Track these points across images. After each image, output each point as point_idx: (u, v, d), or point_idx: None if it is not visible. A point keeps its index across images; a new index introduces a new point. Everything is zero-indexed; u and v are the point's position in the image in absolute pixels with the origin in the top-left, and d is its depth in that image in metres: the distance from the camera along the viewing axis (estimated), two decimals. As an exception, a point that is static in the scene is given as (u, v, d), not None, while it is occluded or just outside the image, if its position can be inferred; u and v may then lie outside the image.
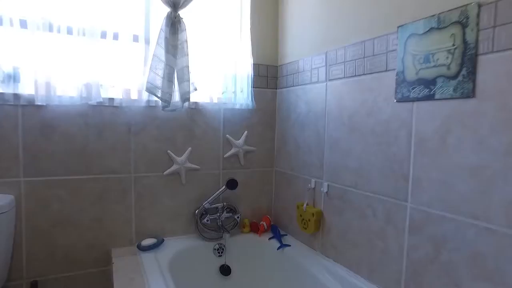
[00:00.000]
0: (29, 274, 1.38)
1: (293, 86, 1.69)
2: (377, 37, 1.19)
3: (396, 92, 1.11)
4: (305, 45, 1.61)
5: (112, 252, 1.49)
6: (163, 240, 1.57)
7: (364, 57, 1.25)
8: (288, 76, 1.74)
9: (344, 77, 1.35)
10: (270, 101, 1.82)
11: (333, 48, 1.40)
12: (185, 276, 1.49)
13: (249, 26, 1.72)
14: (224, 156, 1.74)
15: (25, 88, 1.33)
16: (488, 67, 0.86)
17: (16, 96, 1.31)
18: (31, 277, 1.38)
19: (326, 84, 1.45)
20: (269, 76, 1.82)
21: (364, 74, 1.25)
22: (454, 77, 0.94)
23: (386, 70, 1.16)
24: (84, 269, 1.49)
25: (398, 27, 1.10)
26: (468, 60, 0.90)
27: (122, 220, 1.54)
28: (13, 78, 1.31)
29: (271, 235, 1.74)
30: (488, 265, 0.86)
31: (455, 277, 0.94)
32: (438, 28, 0.98)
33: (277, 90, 1.84)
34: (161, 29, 1.46)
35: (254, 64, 1.75)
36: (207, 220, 1.67)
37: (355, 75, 1.29)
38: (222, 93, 1.68)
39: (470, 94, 0.90)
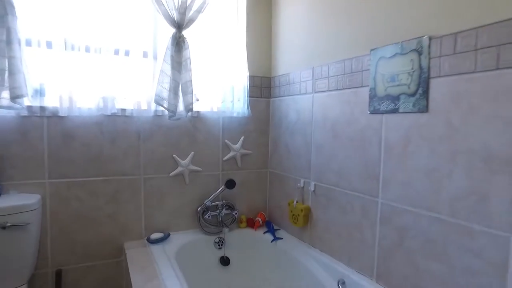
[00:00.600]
0: (53, 263, 1.58)
1: (285, 96, 1.89)
2: (354, 57, 1.39)
3: (369, 105, 1.32)
4: (295, 60, 1.81)
5: (125, 245, 1.69)
6: (169, 234, 1.77)
7: (344, 74, 1.45)
8: (280, 87, 1.94)
9: (327, 90, 1.55)
10: (264, 109, 2.03)
11: (319, 64, 1.60)
12: (189, 266, 1.68)
13: (245, 42, 1.92)
14: (223, 159, 1.94)
15: (50, 101, 1.52)
16: (437, 88, 1.06)
17: (42, 108, 1.51)
18: (55, 266, 1.58)
19: (313, 95, 1.65)
20: (263, 86, 2.02)
21: (344, 89, 1.45)
22: (413, 94, 1.14)
23: (361, 86, 1.36)
24: (100, 260, 1.68)
25: (371, 50, 1.31)
26: (423, 82, 1.11)
27: (133, 216, 1.74)
28: (39, 92, 1.50)
29: (265, 229, 1.94)
30: (437, 247, 1.07)
31: (414, 259, 1.15)
32: (401, 54, 1.18)
33: (271, 99, 2.04)
34: (167, 47, 1.65)
35: (249, 76, 1.94)
36: (208, 216, 1.87)
37: (337, 89, 1.49)
38: (221, 103, 1.88)
39: (425, 109, 1.10)
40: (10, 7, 1.32)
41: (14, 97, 1.33)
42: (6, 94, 1.34)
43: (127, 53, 1.69)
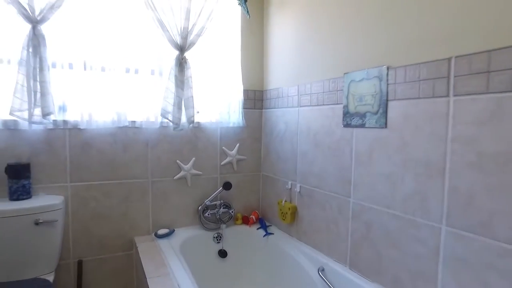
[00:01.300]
0: (74, 255, 1.83)
1: (275, 108, 2.14)
2: (331, 78, 1.65)
3: (343, 120, 1.57)
4: (284, 77, 2.06)
5: (135, 239, 1.94)
6: (174, 230, 2.02)
7: (323, 92, 1.71)
8: (271, 99, 2.19)
9: (310, 105, 1.80)
10: (257, 119, 2.28)
11: (303, 82, 1.86)
12: (192, 257, 1.92)
13: (240, 60, 2.17)
14: (221, 163, 2.19)
15: (71, 116, 1.77)
16: (393, 109, 1.31)
17: (65, 122, 1.75)
18: (76, 258, 1.83)
19: (298, 109, 1.91)
20: (256, 99, 2.27)
21: (323, 105, 1.70)
22: (376, 113, 1.40)
23: (337, 103, 1.61)
24: (114, 253, 1.93)
25: (344, 74, 1.56)
26: (383, 103, 1.36)
27: (142, 214, 1.99)
28: (62, 108, 1.75)
29: (258, 226, 2.20)
30: (394, 238, 1.32)
31: (377, 248, 1.40)
32: (367, 79, 1.44)
33: (263, 110, 2.29)
34: (171, 68, 1.91)
35: (244, 89, 2.20)
36: (208, 214, 2.12)
37: (318, 105, 1.74)
38: (219, 115, 2.13)
39: (384, 125, 1.36)
40: (41, 39, 1.57)
41: (45, 115, 1.59)
42: (38, 111, 1.59)
43: (136, 71, 1.94)
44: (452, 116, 1.10)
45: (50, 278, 1.59)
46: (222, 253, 2.10)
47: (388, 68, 1.33)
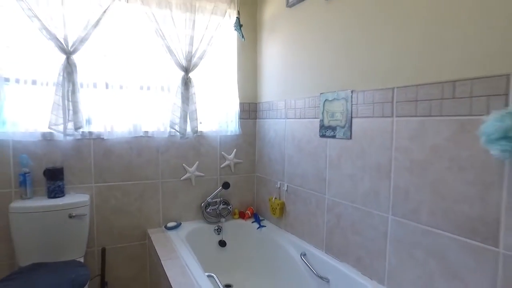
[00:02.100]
0: (98, 243, 2.18)
1: (267, 118, 2.50)
2: (311, 96, 2.00)
3: (319, 131, 1.93)
4: (273, 92, 2.41)
5: (148, 231, 2.30)
6: (181, 223, 2.38)
7: (305, 107, 2.06)
8: (263, 111, 2.55)
9: (295, 118, 2.16)
10: (252, 128, 2.63)
11: (289, 98, 2.21)
12: (196, 247, 2.27)
13: (236, 77, 2.52)
14: (221, 166, 2.54)
15: (95, 128, 2.13)
16: (356, 124, 1.67)
17: (90, 133, 2.11)
18: (100, 246, 2.18)
19: (285, 120, 2.26)
20: (250, 110, 2.63)
21: (305, 118, 2.06)
22: (343, 127, 1.75)
23: (315, 118, 1.96)
24: (130, 242, 2.29)
25: (320, 93, 1.91)
26: (348, 119, 1.71)
27: (154, 210, 2.34)
28: (88, 121, 2.11)
29: (253, 219, 2.55)
30: (357, 226, 1.68)
31: (345, 234, 1.76)
32: (337, 99, 1.79)
33: (256, 120, 2.65)
34: (178, 86, 2.26)
35: (240, 102, 2.55)
36: (210, 210, 2.48)
37: (300, 118, 2.10)
38: (219, 124, 2.49)
39: (349, 137, 1.71)
40: (74, 67, 1.93)
41: (76, 128, 1.95)
42: (70, 125, 1.94)
43: (148, 88, 2.29)
44: (395, 132, 1.45)
45: (81, 261, 1.95)
46: (222, 243, 2.46)
47: (352, 92, 1.68)
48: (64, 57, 1.94)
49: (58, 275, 1.69)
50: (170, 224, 2.33)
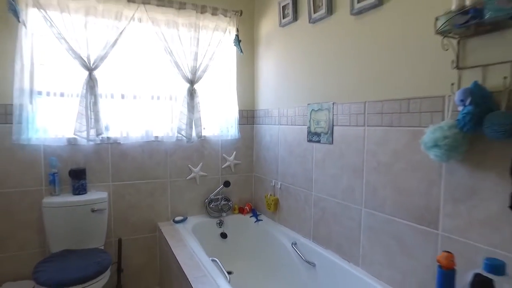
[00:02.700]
0: (115, 235, 2.50)
1: (264, 124, 2.81)
2: (300, 106, 2.31)
3: (307, 137, 2.23)
4: (269, 101, 2.72)
5: (158, 224, 2.60)
6: (187, 218, 2.69)
7: (295, 116, 2.37)
8: (260, 117, 2.85)
9: (286, 124, 2.46)
10: (250, 132, 2.94)
11: (282, 107, 2.52)
12: (201, 238, 2.58)
13: (236, 87, 2.83)
14: (222, 167, 2.85)
15: (112, 133, 2.44)
16: (336, 132, 1.97)
17: (108, 138, 2.42)
18: (117, 237, 2.50)
19: (279, 126, 2.57)
20: (248, 116, 2.94)
21: (295, 125, 2.36)
22: (327, 133, 2.05)
23: (303, 125, 2.27)
24: (143, 234, 2.60)
25: (308, 104, 2.22)
26: (330, 127, 2.02)
27: (163, 206, 2.65)
28: (106, 128, 2.41)
29: (251, 214, 2.86)
30: (338, 217, 1.98)
31: (328, 225, 2.06)
32: (321, 109, 2.10)
33: (254, 125, 2.95)
34: (184, 96, 2.57)
35: (239, 110, 2.85)
36: (212, 206, 2.79)
37: (291, 124, 2.40)
38: (220, 130, 2.80)
39: (331, 142, 2.02)
40: (95, 81, 2.24)
41: (98, 134, 2.26)
42: (92, 132, 2.25)
43: (158, 98, 2.60)
44: (366, 138, 1.76)
45: (102, 248, 2.26)
46: (223, 235, 2.77)
47: (333, 104, 1.99)
48: (87, 73, 2.25)
49: (85, 259, 2.00)
50: (178, 218, 2.64)
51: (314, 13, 2.10)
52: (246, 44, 2.85)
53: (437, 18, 1.23)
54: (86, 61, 2.23)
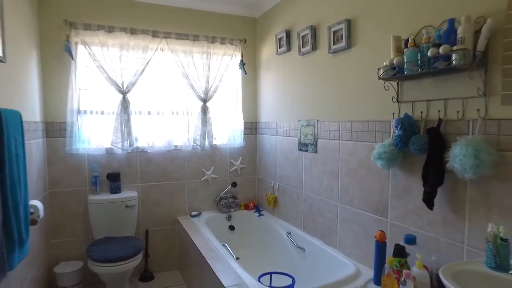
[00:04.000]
0: (143, 226, 3.06)
1: (265, 134, 3.34)
2: (292, 121, 2.83)
3: (298, 146, 2.76)
4: (269, 115, 3.25)
5: (178, 218, 3.16)
6: (201, 213, 3.23)
7: (289, 129, 2.89)
8: (262, 128, 3.39)
9: (283, 136, 2.99)
10: (253, 141, 3.48)
11: (279, 120, 3.04)
12: (213, 229, 3.11)
13: (241, 102, 3.37)
14: (230, 170, 3.39)
15: (141, 144, 2.99)
16: (320, 143, 2.49)
17: (137, 148, 2.98)
18: (144, 228, 3.05)
19: (277, 137, 3.09)
20: (252, 127, 3.47)
21: (289, 136, 2.89)
22: (312, 144, 2.57)
23: (295, 137, 2.79)
24: (165, 226, 3.15)
25: (298, 120, 2.74)
26: (315, 139, 2.54)
27: (181, 203, 3.21)
28: (135, 139, 2.97)
29: (255, 210, 3.39)
30: (322, 211, 2.50)
31: (314, 217, 2.58)
32: (308, 125, 2.62)
33: (257, 135, 3.49)
34: (198, 113, 3.12)
35: (244, 122, 3.39)
36: (222, 203, 3.33)
37: (286, 136, 2.93)
38: (228, 139, 3.34)
39: (316, 152, 2.53)
40: (128, 103, 2.80)
41: (130, 145, 2.82)
42: (126, 143, 2.82)
43: (177, 113, 3.16)
44: (340, 150, 2.27)
45: (134, 236, 2.82)
46: (231, 227, 3.30)
47: (317, 121, 2.51)
48: (121, 96, 2.81)
49: (123, 243, 2.56)
50: (194, 213, 3.19)
51: (303, 47, 2.62)
52: (249, 67, 3.38)
53: (378, 69, 1.74)
54: (121, 86, 2.79)
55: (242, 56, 3.29)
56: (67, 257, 2.77)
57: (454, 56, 1.34)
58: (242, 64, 3.27)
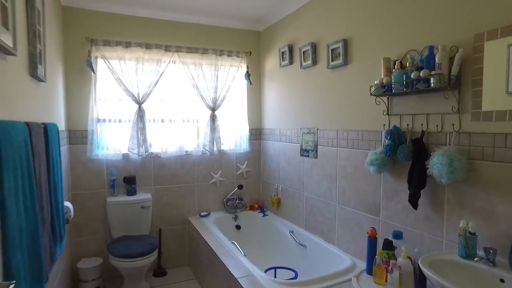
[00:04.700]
0: (156, 226, 3.30)
1: (268, 140, 3.58)
2: (295, 129, 3.07)
3: (300, 152, 3.00)
4: (272, 122, 3.50)
5: (188, 218, 3.40)
6: (210, 213, 3.47)
7: (291, 135, 3.14)
8: (266, 135, 3.63)
9: (286, 142, 3.24)
10: (258, 146, 3.72)
11: (282, 128, 3.29)
12: (221, 228, 3.35)
13: (247, 110, 3.61)
14: (236, 173, 3.64)
15: (154, 149, 3.24)
16: (320, 149, 2.73)
17: (151, 153, 3.23)
18: (157, 227, 3.30)
19: (280, 143, 3.34)
20: (257, 134, 3.72)
21: (291, 143, 3.13)
22: (313, 150, 2.82)
23: (297, 143, 3.04)
24: (176, 226, 3.40)
25: (300, 128, 2.99)
26: (316, 146, 2.78)
27: (191, 204, 3.45)
28: (150, 145, 3.22)
29: (259, 210, 3.63)
30: (321, 211, 2.74)
31: (315, 217, 2.82)
32: (309, 133, 2.86)
33: (261, 141, 3.74)
34: (207, 120, 3.37)
35: (249, 128, 3.64)
36: (229, 204, 3.57)
37: (289, 142, 3.18)
38: (234, 144, 3.58)
39: (316, 157, 2.78)
40: (143, 112, 3.05)
41: (145, 151, 3.07)
42: (141, 149, 3.07)
43: (187, 121, 3.41)
44: (338, 156, 2.52)
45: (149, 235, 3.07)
46: (238, 227, 3.54)
47: (317, 129, 2.75)
48: (137, 106, 3.06)
49: (140, 241, 2.81)
50: (203, 213, 3.43)
51: (304, 62, 2.87)
52: (254, 77, 3.63)
53: (370, 86, 1.99)
54: (137, 97, 3.05)
55: (247, 67, 3.54)
56: (88, 254, 3.01)
57: (432, 80, 1.59)
58: (248, 75, 3.52)
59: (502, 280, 1.32)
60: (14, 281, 0.99)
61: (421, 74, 1.63)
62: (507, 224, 1.43)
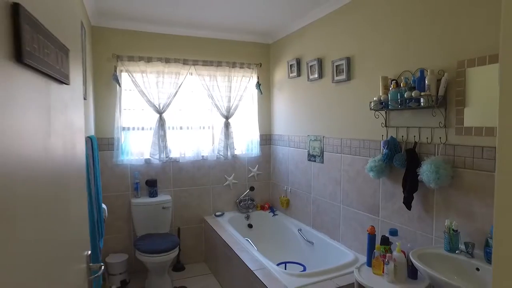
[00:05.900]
0: (175, 225, 3.60)
1: (278, 145, 3.86)
2: (302, 135, 3.35)
3: (307, 157, 3.27)
4: (281, 128, 3.77)
5: (204, 218, 3.69)
6: (224, 213, 3.76)
7: (299, 142, 3.41)
8: (275, 140, 3.91)
9: (294, 147, 3.51)
10: (268, 151, 4.00)
11: (290, 134, 3.56)
12: (234, 227, 3.63)
13: (257, 117, 3.89)
14: (248, 176, 3.92)
15: (173, 154, 3.54)
16: (326, 156, 3.00)
17: (171, 158, 3.52)
18: (177, 226, 3.60)
19: (289, 148, 3.62)
20: (267, 139, 4.00)
21: (299, 148, 3.41)
22: (319, 156, 3.09)
23: (305, 149, 3.31)
24: (193, 224, 3.69)
25: (307, 135, 3.26)
26: (322, 152, 3.05)
27: (207, 204, 3.74)
28: (169, 151, 3.51)
29: (270, 210, 3.91)
30: (327, 211, 3.02)
31: (322, 216, 3.10)
32: (316, 140, 3.13)
33: (271, 146, 4.01)
34: (221, 128, 3.65)
35: (260, 134, 3.91)
36: (242, 204, 3.86)
37: (297, 148, 3.45)
38: (246, 149, 3.87)
39: (322, 162, 3.05)
40: (164, 121, 3.35)
41: (166, 157, 3.37)
42: (162, 155, 3.36)
43: (203, 128, 3.70)
44: (342, 161, 2.79)
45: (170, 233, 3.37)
46: (250, 226, 3.83)
47: (323, 137, 3.02)
48: (158, 115, 3.36)
49: (163, 239, 3.10)
50: (218, 213, 3.72)
51: (311, 75, 3.14)
52: (264, 87, 3.91)
53: (370, 102, 2.26)
54: (158, 107, 3.34)
55: (258, 78, 3.82)
56: (115, 250, 3.32)
57: (422, 100, 1.85)
58: (258, 85, 3.80)
59: (477, 269, 1.58)
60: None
61: (413, 94, 1.89)
62: (483, 222, 1.69)
